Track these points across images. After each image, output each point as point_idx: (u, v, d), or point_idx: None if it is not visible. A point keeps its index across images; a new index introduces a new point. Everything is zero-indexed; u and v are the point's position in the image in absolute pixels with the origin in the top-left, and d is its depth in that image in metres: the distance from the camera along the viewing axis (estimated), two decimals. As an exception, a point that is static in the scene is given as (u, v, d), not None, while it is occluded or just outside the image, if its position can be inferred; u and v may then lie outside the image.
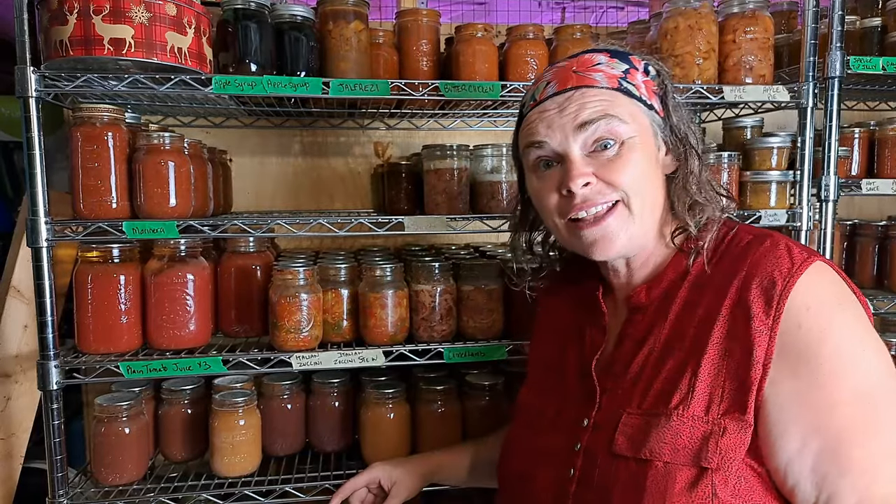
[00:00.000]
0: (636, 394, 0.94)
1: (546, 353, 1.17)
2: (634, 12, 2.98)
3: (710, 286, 0.94)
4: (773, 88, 1.51)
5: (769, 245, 0.92)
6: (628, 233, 0.97)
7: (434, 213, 1.54)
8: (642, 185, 0.96)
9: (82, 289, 1.39)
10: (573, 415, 1.02)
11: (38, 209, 1.31)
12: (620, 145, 0.95)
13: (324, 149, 2.00)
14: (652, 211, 0.99)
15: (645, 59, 1.02)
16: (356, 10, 1.47)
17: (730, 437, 0.85)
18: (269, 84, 1.36)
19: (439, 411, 1.58)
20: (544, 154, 0.99)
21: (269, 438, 1.55)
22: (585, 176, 0.94)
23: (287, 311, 1.41)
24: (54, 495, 1.38)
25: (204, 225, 1.39)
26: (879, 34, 1.73)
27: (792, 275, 0.87)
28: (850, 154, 1.80)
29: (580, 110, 0.95)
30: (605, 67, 0.98)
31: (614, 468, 0.91)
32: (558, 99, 0.97)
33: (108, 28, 1.20)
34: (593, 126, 0.94)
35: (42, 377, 1.34)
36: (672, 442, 0.87)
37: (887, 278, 1.81)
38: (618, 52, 1.01)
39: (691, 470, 0.86)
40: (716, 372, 0.89)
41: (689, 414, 0.88)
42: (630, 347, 0.99)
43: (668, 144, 1.00)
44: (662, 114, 1.00)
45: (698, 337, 0.91)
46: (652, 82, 1.00)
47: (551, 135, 0.97)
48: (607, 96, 0.96)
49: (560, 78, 0.99)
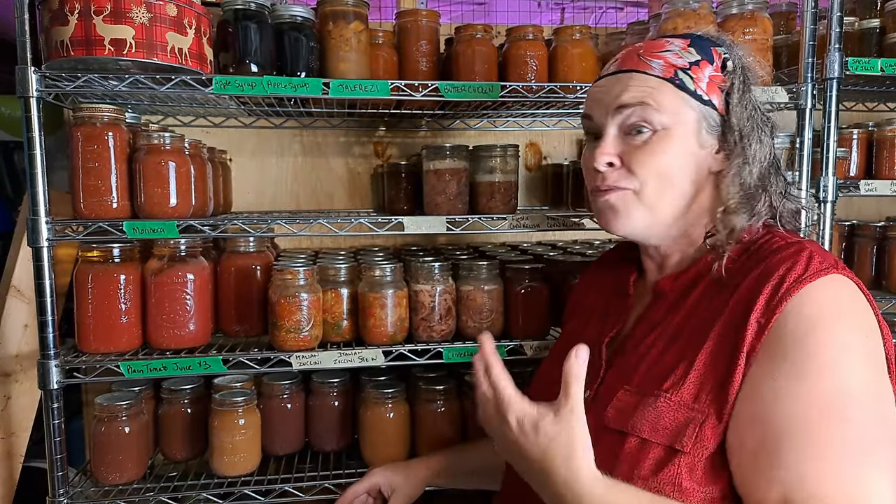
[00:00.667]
0: (637, 373, 0.97)
1: (571, 327, 1.22)
2: (634, 13, 2.99)
3: (728, 284, 0.95)
4: (772, 89, 1.51)
5: (793, 251, 0.92)
6: (636, 215, 1.00)
7: (434, 214, 1.54)
8: (667, 177, 0.98)
9: (82, 288, 1.39)
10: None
11: (39, 209, 1.31)
12: (653, 133, 0.98)
13: (323, 149, 2.01)
14: (673, 202, 1.00)
15: (729, 53, 1.01)
16: (356, 10, 1.47)
17: (708, 426, 0.86)
18: (269, 84, 1.36)
19: (439, 411, 1.58)
20: (592, 126, 1.05)
21: (268, 438, 1.56)
22: (609, 156, 0.99)
23: (287, 310, 1.42)
24: (55, 494, 1.38)
25: (204, 225, 1.39)
26: (878, 35, 1.74)
27: (801, 280, 0.86)
28: (849, 155, 1.81)
29: (622, 92, 0.99)
30: (670, 55, 0.99)
31: (599, 439, 0.91)
32: (611, 79, 1.03)
33: (108, 28, 1.21)
34: (630, 110, 0.98)
35: (42, 376, 1.35)
36: (653, 421, 0.89)
37: (885, 279, 1.81)
38: (702, 41, 1.01)
39: (664, 450, 0.87)
40: (710, 363, 0.90)
41: (676, 398, 0.89)
42: (644, 330, 1.02)
43: (721, 143, 1.00)
44: (723, 111, 0.99)
45: (703, 329, 0.93)
46: (722, 78, 1.00)
47: (597, 110, 1.03)
48: (654, 84, 0.98)
49: (623, 58, 1.04)
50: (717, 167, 1.01)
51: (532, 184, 2.12)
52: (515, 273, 1.56)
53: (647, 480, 0.86)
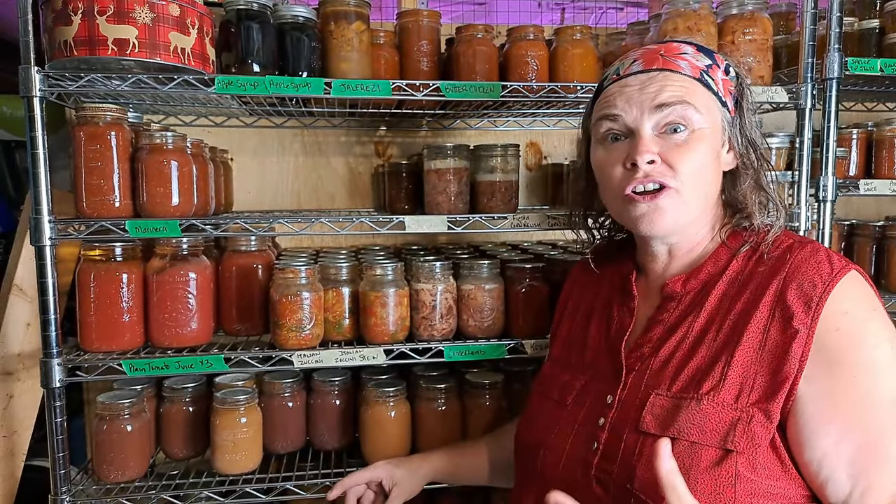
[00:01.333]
0: (665, 377, 0.98)
1: (571, 328, 1.21)
2: (634, 13, 3.00)
3: (749, 282, 0.99)
4: (772, 89, 1.52)
5: (810, 250, 0.97)
6: (676, 214, 1.00)
7: (435, 213, 1.55)
8: (700, 175, 1.00)
9: (85, 287, 1.40)
10: (599, 391, 1.05)
11: (42, 208, 1.31)
12: (691, 132, 0.99)
13: (325, 148, 2.01)
14: (704, 201, 1.02)
15: (727, 60, 1.06)
16: (357, 10, 1.48)
17: (756, 424, 0.89)
18: (271, 84, 1.37)
19: (440, 410, 1.59)
20: (616, 127, 1.03)
21: (269, 436, 1.56)
22: (651, 153, 0.98)
23: (288, 309, 1.42)
24: (57, 493, 1.38)
25: (206, 224, 1.39)
26: (877, 36, 1.74)
27: (832, 279, 0.92)
28: (848, 155, 1.81)
29: (661, 91, 0.99)
30: (690, 58, 1.02)
31: (640, 444, 0.94)
32: (641, 77, 1.01)
33: (111, 28, 1.21)
34: (670, 108, 0.98)
35: (45, 375, 1.35)
36: (700, 424, 0.91)
37: (885, 278, 1.82)
38: (703, 48, 1.05)
39: (717, 451, 0.89)
40: (749, 363, 0.92)
41: (718, 399, 0.92)
42: (661, 333, 1.03)
43: (733, 143, 1.04)
44: (734, 113, 1.04)
45: (735, 329, 0.95)
46: (730, 82, 1.04)
47: (628, 109, 1.00)
48: (688, 84, 0.99)
49: (647, 58, 1.03)
50: (728, 166, 1.05)
51: (532, 183, 2.13)
52: (516, 272, 1.56)
53: (706, 474, 0.88)
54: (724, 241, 1.05)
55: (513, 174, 1.60)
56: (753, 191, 1.04)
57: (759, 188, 1.04)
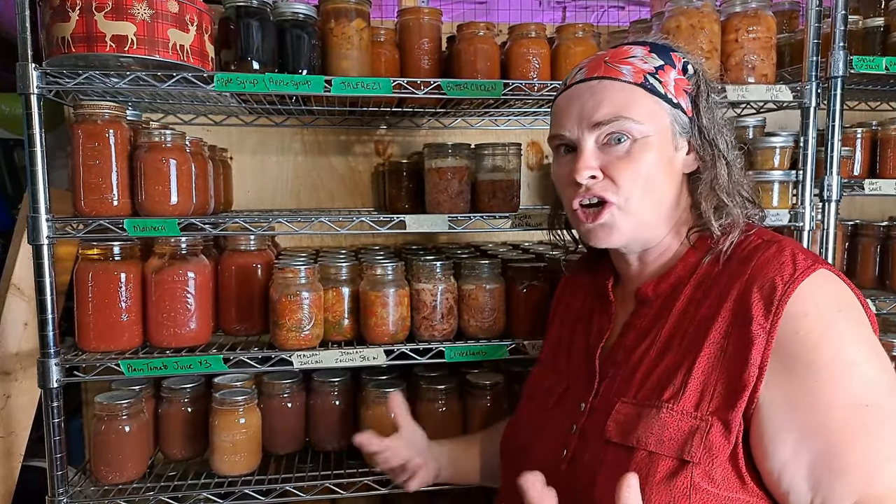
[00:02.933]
0: (633, 384, 0.97)
1: (558, 334, 1.21)
2: (636, 11, 2.98)
3: (714, 286, 0.96)
4: (776, 88, 1.50)
5: (775, 251, 0.94)
6: (623, 228, 0.99)
7: (435, 212, 1.54)
8: (647, 184, 0.98)
9: (83, 286, 1.39)
10: (575, 397, 1.05)
11: (39, 206, 1.30)
12: (632, 142, 0.97)
13: (324, 147, 2.00)
14: (657, 209, 1.01)
15: (687, 58, 1.04)
16: (358, 8, 1.47)
17: (715, 434, 0.87)
18: (270, 82, 1.35)
19: (440, 410, 1.58)
20: (563, 142, 1.04)
21: (269, 437, 1.55)
22: (591, 169, 0.98)
23: (288, 309, 1.41)
24: (54, 493, 1.37)
25: (205, 223, 1.38)
26: (882, 34, 1.73)
27: (793, 280, 0.88)
28: (853, 154, 1.80)
29: (597, 107, 0.98)
30: (637, 61, 1.00)
31: (603, 452, 0.94)
32: (582, 88, 1.01)
33: (110, 25, 1.20)
34: (606, 126, 0.97)
35: (42, 375, 1.34)
36: (658, 433, 0.89)
37: (889, 279, 1.80)
38: (660, 47, 1.03)
39: (673, 461, 0.87)
40: (710, 370, 0.90)
41: (678, 408, 0.90)
42: (633, 339, 1.02)
43: (693, 144, 1.02)
44: (690, 113, 1.01)
45: (697, 335, 0.93)
46: (686, 81, 1.02)
47: (570, 126, 1.01)
48: (627, 93, 0.98)
49: (591, 66, 1.02)
50: (689, 168, 1.03)
51: (534, 182, 2.12)
52: (517, 272, 1.55)
53: (661, 486, 0.86)
54: (692, 245, 1.03)
55: (514, 173, 1.59)
56: (708, 194, 1.00)
57: (713, 192, 1.00)
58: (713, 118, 1.02)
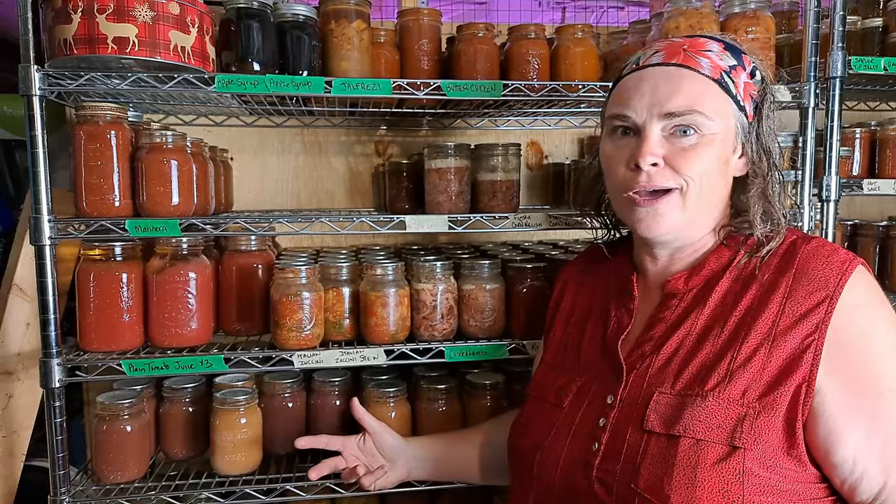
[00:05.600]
0: (669, 374, 0.97)
1: (562, 335, 1.20)
2: (635, 12, 2.98)
3: (755, 280, 0.98)
4: (775, 88, 1.50)
5: (816, 245, 0.98)
6: (677, 219, 1.00)
7: (436, 212, 1.54)
8: (706, 181, 0.99)
9: (84, 287, 1.39)
10: (598, 392, 1.04)
11: (41, 207, 1.31)
12: (700, 137, 0.97)
13: (325, 148, 2.00)
14: (708, 207, 1.02)
15: (755, 62, 1.04)
16: (358, 9, 1.47)
17: (763, 420, 0.89)
18: (271, 83, 1.36)
19: (440, 410, 1.58)
20: (625, 123, 1.02)
21: (269, 437, 1.55)
22: (655, 156, 0.97)
23: (288, 309, 1.41)
24: (56, 493, 1.38)
25: (206, 223, 1.39)
26: (881, 34, 1.74)
27: (843, 274, 0.92)
28: (852, 154, 1.80)
29: (671, 96, 0.97)
30: (713, 56, 1.00)
31: (644, 443, 0.94)
32: (657, 71, 1.00)
33: (111, 27, 1.21)
34: (678, 118, 0.97)
35: (44, 375, 1.34)
36: (706, 420, 0.90)
37: (888, 278, 1.81)
38: (733, 47, 1.03)
39: (723, 447, 0.89)
40: (756, 360, 0.92)
41: (724, 396, 0.91)
42: (663, 330, 1.02)
43: (747, 149, 1.03)
44: (752, 118, 1.02)
45: (741, 326, 0.95)
46: (753, 86, 1.02)
47: (639, 109, 0.99)
48: (703, 86, 0.98)
49: (668, 51, 1.01)
50: (739, 172, 1.04)
51: (533, 183, 2.12)
52: (517, 272, 1.56)
53: (712, 471, 0.88)
54: (723, 242, 1.04)
55: (514, 173, 1.60)
56: (759, 200, 1.02)
57: (764, 198, 1.02)
58: (771, 126, 1.04)
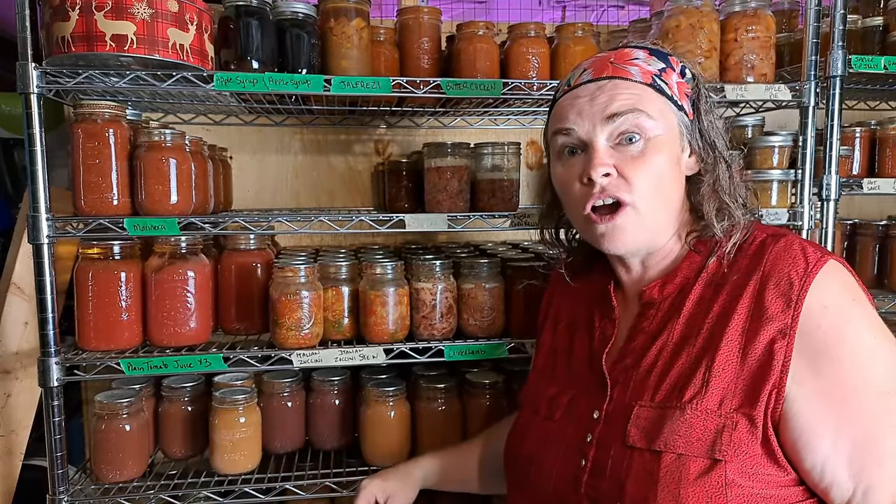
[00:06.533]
0: (648, 387, 0.96)
1: (556, 340, 1.19)
2: (635, 11, 2.98)
3: (726, 284, 0.97)
4: (775, 87, 1.51)
5: (784, 245, 0.95)
6: (636, 230, 0.99)
7: (435, 211, 1.54)
8: (659, 186, 0.98)
9: (83, 286, 1.39)
10: (585, 405, 1.03)
11: (40, 206, 1.31)
12: (646, 141, 0.97)
13: (324, 147, 2.00)
14: (665, 210, 1.01)
15: (683, 62, 1.04)
16: (357, 7, 1.47)
17: (741, 430, 0.87)
18: (270, 81, 1.36)
19: (440, 409, 1.58)
20: (570, 142, 1.01)
21: (269, 436, 1.55)
22: (606, 167, 0.97)
23: (288, 308, 1.41)
24: (55, 492, 1.38)
25: (205, 222, 1.39)
26: (881, 33, 1.74)
27: (808, 274, 0.90)
28: (852, 153, 1.80)
29: (610, 101, 0.97)
30: (641, 63, 1.00)
31: (627, 459, 0.93)
32: (591, 87, 0.99)
33: (110, 24, 1.20)
34: (621, 118, 0.96)
35: (43, 374, 1.34)
36: (686, 434, 0.89)
37: (887, 278, 1.81)
38: (657, 52, 1.03)
39: (704, 461, 0.88)
40: (730, 368, 0.91)
41: (702, 407, 0.90)
42: (643, 341, 1.01)
43: (694, 147, 1.02)
44: (692, 116, 1.02)
45: (713, 333, 0.94)
46: (686, 84, 1.02)
47: (580, 122, 0.99)
48: (639, 90, 0.98)
49: (597, 67, 1.01)
50: (691, 171, 1.04)
51: (533, 182, 2.12)
52: (517, 271, 1.55)
53: (695, 486, 0.87)
54: (693, 249, 1.03)
55: (513, 173, 1.59)
56: (711, 197, 1.01)
57: (715, 194, 1.01)
58: (712, 121, 1.03)
